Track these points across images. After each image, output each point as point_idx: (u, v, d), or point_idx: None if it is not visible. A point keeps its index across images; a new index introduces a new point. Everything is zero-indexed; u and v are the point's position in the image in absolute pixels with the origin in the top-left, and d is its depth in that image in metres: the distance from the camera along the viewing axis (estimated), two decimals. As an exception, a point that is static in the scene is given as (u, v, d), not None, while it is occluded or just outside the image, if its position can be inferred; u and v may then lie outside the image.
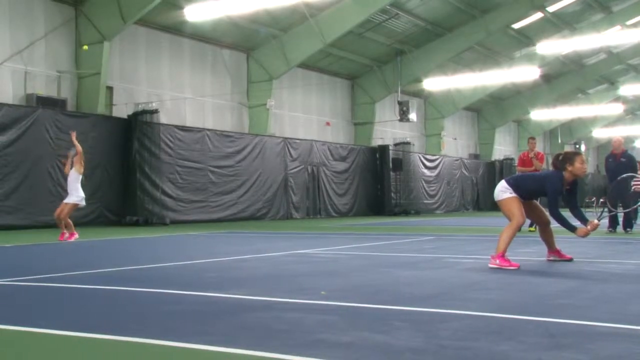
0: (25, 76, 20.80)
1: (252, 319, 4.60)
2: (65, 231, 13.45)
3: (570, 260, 8.31)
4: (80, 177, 13.88)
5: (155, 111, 22.06)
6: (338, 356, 3.41)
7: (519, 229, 8.03)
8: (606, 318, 4.55)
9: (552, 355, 3.44)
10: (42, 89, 21.12)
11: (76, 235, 13.45)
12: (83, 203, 13.96)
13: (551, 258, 8.50)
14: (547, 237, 8.52)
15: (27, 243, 12.92)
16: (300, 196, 28.13)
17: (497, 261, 7.61)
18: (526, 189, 8.14)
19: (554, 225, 8.11)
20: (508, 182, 8.16)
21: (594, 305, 5.19)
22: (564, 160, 8.02)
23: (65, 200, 13.84)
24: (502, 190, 8.06)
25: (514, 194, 7.96)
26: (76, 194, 13.65)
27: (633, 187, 17.48)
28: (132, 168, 21.53)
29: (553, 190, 7.96)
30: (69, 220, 13.53)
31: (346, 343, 3.74)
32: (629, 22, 35.40)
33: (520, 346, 3.63)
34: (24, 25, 20.77)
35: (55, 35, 21.58)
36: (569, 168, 7.90)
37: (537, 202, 8.79)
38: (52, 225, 19.15)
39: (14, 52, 20.49)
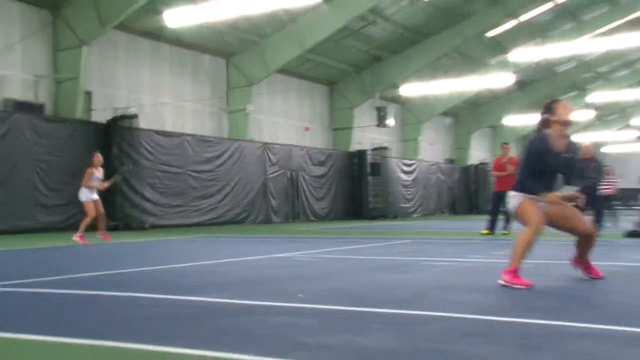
0: (2, 80, 20.60)
1: (232, 322, 4.58)
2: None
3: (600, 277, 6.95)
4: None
5: (135, 116, 21.96)
6: (316, 359, 3.39)
7: (537, 234, 6.50)
8: (579, 318, 4.60)
9: (527, 356, 3.46)
10: (19, 94, 20.92)
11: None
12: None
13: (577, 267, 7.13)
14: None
15: (3, 249, 12.76)
16: (279, 200, 28.11)
17: (506, 277, 6.35)
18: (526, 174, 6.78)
19: None
20: (512, 189, 6.87)
21: (567, 305, 5.26)
22: (544, 114, 6.74)
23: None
24: (509, 201, 6.85)
25: (521, 195, 6.65)
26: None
27: (602, 190, 17.71)
28: (110, 173, 21.39)
29: (530, 149, 6.76)
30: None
31: (324, 346, 3.74)
32: (598, 31, 35.90)
33: (497, 348, 3.65)
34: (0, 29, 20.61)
35: (32, 40, 21.38)
36: (553, 119, 6.62)
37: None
38: (31, 230, 19.07)
39: (-10, 56, 20.34)
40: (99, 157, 15.14)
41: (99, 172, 14.95)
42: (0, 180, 18.65)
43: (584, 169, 15.89)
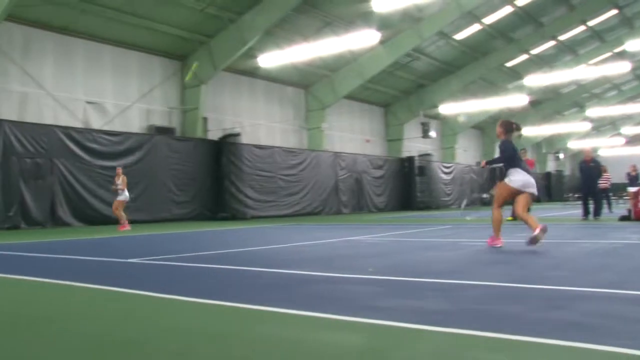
0: (147, 112, 21.30)
1: (318, 290, 4.55)
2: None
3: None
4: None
5: (238, 134, 22.33)
6: (385, 317, 3.36)
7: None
8: (587, 284, 4.44)
9: (550, 314, 3.35)
10: (158, 121, 21.57)
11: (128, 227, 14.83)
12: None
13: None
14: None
15: (150, 233, 13.16)
16: (347, 196, 28.07)
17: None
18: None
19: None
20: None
21: (577, 275, 5.06)
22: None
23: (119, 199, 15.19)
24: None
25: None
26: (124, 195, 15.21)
27: (600, 185, 17.06)
28: (221, 177, 21.79)
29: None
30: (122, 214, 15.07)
31: (390, 307, 3.69)
32: (591, 62, 35.18)
33: (525, 308, 3.55)
34: (146, 76, 21.34)
35: (167, 82, 22.04)
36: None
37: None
38: (167, 220, 19.61)
39: (140, 96, 21.07)
40: (119, 170, 15.38)
41: (117, 180, 15.21)
42: (146, 184, 19.28)
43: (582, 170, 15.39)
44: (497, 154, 8.43)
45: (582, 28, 31.02)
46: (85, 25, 19.01)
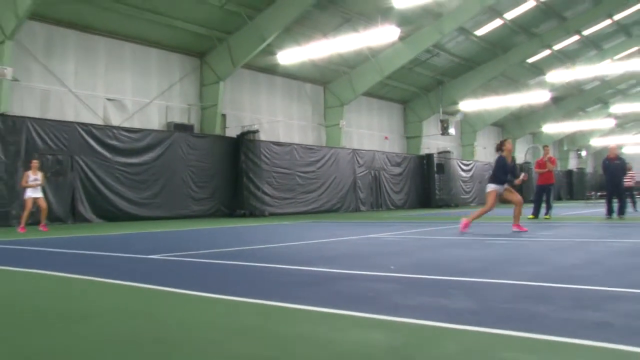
0: (166, 109, 21.45)
1: (342, 287, 4.54)
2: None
3: (526, 231, 10.21)
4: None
5: (256, 131, 22.38)
6: (410, 316, 3.37)
7: (488, 211, 10.63)
8: (614, 284, 4.40)
9: (578, 314, 3.35)
10: (177, 118, 21.71)
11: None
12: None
13: (515, 230, 10.41)
14: (516, 213, 10.63)
15: (168, 230, 13.26)
16: (366, 193, 28.06)
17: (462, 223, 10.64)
18: (494, 177, 10.63)
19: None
20: (490, 180, 10.84)
21: (604, 274, 5.02)
22: (499, 148, 10.86)
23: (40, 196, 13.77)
24: (487, 187, 10.90)
25: (493, 185, 10.58)
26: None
27: (625, 183, 16.86)
28: (240, 174, 21.88)
29: (498, 167, 10.67)
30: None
31: (416, 305, 3.70)
32: (616, 57, 34.65)
33: (553, 307, 3.54)
34: (166, 73, 21.47)
35: (186, 79, 22.16)
36: (504, 148, 10.79)
37: (512, 189, 10.72)
38: (186, 216, 19.73)
39: (159, 92, 21.21)
40: (35, 164, 13.69)
41: (35, 175, 13.53)
42: (165, 180, 19.44)
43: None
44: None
45: (607, 22, 30.62)
46: (106, 23, 19.21)
